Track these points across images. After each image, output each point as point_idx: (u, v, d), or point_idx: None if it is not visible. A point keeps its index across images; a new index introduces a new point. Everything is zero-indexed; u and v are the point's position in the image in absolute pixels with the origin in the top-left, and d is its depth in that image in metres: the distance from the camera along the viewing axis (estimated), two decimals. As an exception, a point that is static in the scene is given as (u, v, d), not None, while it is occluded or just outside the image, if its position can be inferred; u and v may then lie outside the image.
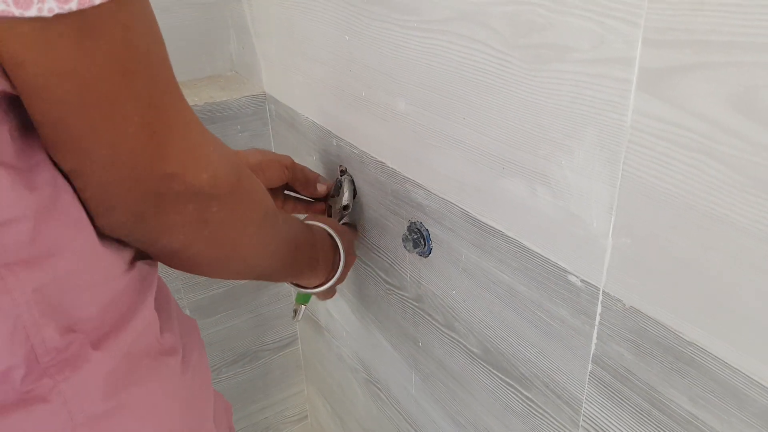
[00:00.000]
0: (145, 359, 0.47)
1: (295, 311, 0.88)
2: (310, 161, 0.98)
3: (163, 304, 0.53)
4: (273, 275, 0.66)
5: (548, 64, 0.47)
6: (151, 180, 0.41)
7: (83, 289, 0.42)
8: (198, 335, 0.62)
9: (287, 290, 1.32)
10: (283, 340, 1.37)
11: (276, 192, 0.83)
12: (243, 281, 1.24)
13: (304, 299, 0.88)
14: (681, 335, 0.44)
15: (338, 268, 0.77)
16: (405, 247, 0.74)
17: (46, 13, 0.31)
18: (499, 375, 0.67)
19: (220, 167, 0.45)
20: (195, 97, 1.06)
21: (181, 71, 1.13)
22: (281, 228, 0.60)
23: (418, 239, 0.72)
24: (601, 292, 0.50)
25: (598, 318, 0.51)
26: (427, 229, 0.71)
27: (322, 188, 0.85)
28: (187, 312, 1.18)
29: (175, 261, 0.51)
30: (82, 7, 0.32)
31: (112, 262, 0.45)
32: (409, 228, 0.74)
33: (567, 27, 0.45)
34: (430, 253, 0.72)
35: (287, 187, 0.84)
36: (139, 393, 0.46)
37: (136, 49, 0.37)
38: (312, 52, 0.86)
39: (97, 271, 0.43)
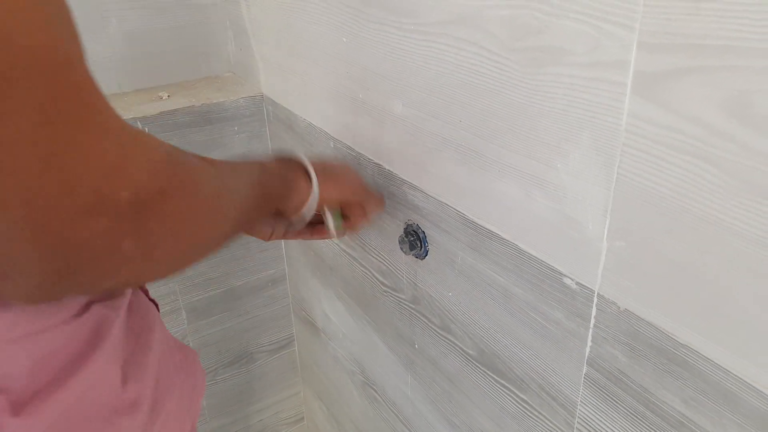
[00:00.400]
0: (89, 423, 0.42)
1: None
2: (307, 163, 0.98)
3: (138, 344, 0.48)
4: (249, 220, 0.55)
5: (544, 67, 0.47)
6: (59, 225, 0.31)
7: (12, 342, 0.36)
8: (187, 371, 0.57)
9: (284, 291, 1.32)
10: (279, 342, 1.37)
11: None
12: (239, 282, 1.24)
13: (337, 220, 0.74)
14: (675, 338, 0.44)
15: (307, 164, 0.66)
16: (401, 249, 0.74)
17: None
18: (495, 377, 0.67)
19: (141, 174, 0.34)
20: (192, 98, 1.06)
21: (178, 72, 1.14)
22: (237, 191, 0.51)
23: (415, 241, 0.72)
24: (596, 294, 0.50)
25: (592, 320, 0.51)
26: (423, 232, 0.71)
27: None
28: (183, 314, 1.18)
29: (131, 286, 0.46)
30: None
31: (51, 310, 0.39)
32: (405, 230, 0.74)
33: (563, 30, 0.45)
34: (426, 255, 0.72)
35: None
36: None
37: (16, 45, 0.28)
38: (309, 54, 0.86)
39: (31, 321, 0.37)
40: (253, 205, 0.54)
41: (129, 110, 1.01)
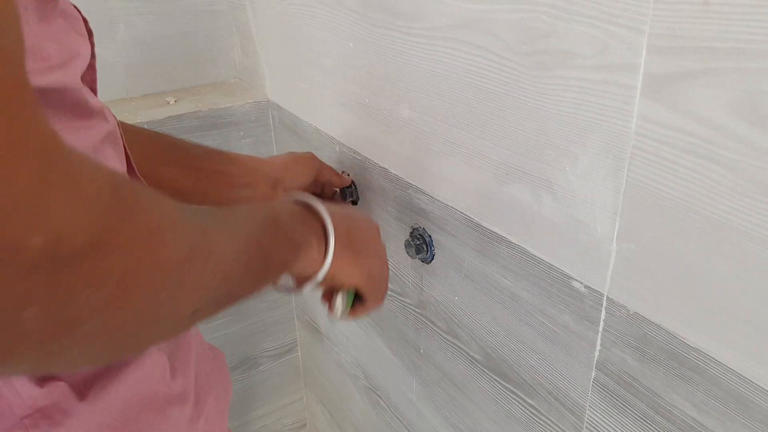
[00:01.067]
0: (146, 411, 0.41)
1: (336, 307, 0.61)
2: (312, 168, 0.98)
3: (182, 341, 0.48)
4: (244, 291, 0.44)
5: (552, 70, 0.47)
6: None
7: None
8: (222, 372, 0.57)
9: (288, 296, 1.32)
10: (282, 347, 1.37)
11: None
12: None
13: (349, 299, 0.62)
14: (685, 341, 0.44)
15: (328, 227, 0.53)
16: (407, 253, 0.74)
17: None
18: (501, 382, 0.66)
19: (65, 216, 0.24)
20: (199, 103, 1.06)
21: (185, 78, 1.15)
22: (225, 253, 0.38)
23: (421, 245, 0.72)
24: (605, 298, 0.50)
25: (602, 324, 0.51)
26: (429, 235, 0.71)
27: (345, 179, 0.82)
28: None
29: (33, 373, 0.36)
30: None
31: None
32: (411, 234, 0.74)
33: (571, 34, 0.45)
34: (432, 260, 0.72)
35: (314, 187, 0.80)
36: None
37: None
38: (316, 59, 0.86)
39: None
40: (246, 274, 0.42)
41: (136, 115, 1.01)
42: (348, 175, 0.86)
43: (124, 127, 0.67)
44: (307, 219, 0.53)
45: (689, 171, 0.40)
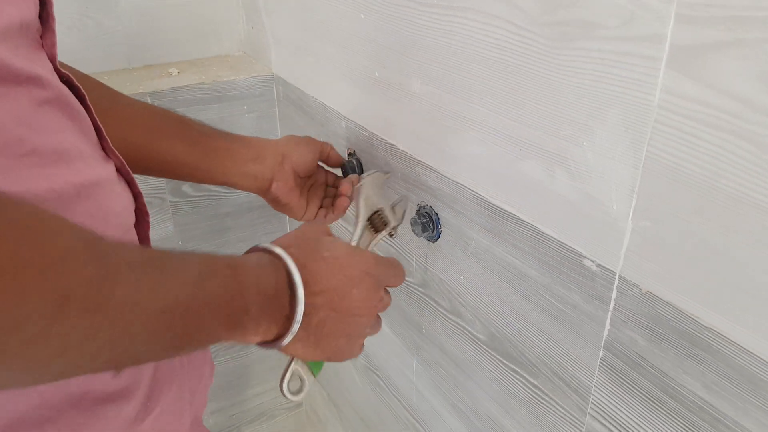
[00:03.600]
0: (71, 411, 0.38)
1: (298, 381, 0.53)
2: (317, 144, 0.97)
3: None
4: (148, 358, 0.36)
5: (573, 41, 0.46)
6: None
7: None
8: (198, 362, 0.55)
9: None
10: (280, 326, 1.36)
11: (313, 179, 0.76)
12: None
13: (315, 368, 0.55)
14: (699, 320, 0.43)
15: (295, 314, 0.44)
16: (413, 231, 0.73)
17: None
18: (505, 362, 0.66)
19: None
20: (202, 75, 1.05)
21: (189, 50, 1.13)
22: (138, 292, 0.32)
23: (428, 223, 0.71)
24: (617, 276, 0.49)
25: (612, 303, 0.50)
26: (437, 213, 0.70)
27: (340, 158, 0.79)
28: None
29: None
30: None
31: None
32: (418, 212, 0.73)
33: (595, 3, 0.44)
34: (438, 238, 0.71)
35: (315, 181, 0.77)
36: None
37: None
38: (324, 32, 0.85)
39: None
40: (159, 327, 0.34)
41: (138, 85, 1.00)
42: (353, 151, 0.85)
43: (126, 99, 0.66)
44: (274, 304, 0.43)
45: (713, 146, 0.39)
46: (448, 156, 0.65)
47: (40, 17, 0.41)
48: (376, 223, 0.66)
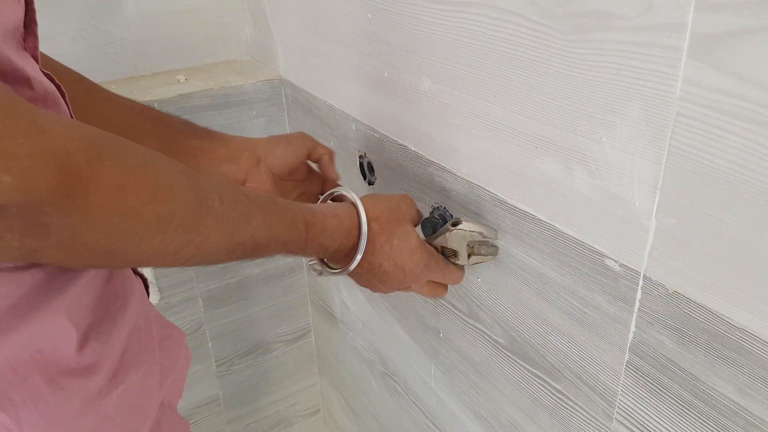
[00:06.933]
0: (30, 380, 0.40)
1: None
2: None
3: (108, 312, 0.47)
4: (213, 261, 0.46)
5: (589, 33, 0.44)
6: None
7: None
8: (172, 350, 0.55)
9: (302, 281, 1.30)
10: (296, 332, 1.35)
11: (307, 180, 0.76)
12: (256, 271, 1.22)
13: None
14: (729, 321, 0.41)
15: (357, 247, 0.56)
16: (425, 233, 0.71)
17: None
18: (526, 366, 0.64)
19: (31, 159, 0.30)
20: (210, 81, 1.04)
21: (196, 55, 1.12)
22: (219, 225, 0.42)
23: (441, 225, 0.69)
24: (641, 276, 0.47)
25: (637, 304, 0.48)
26: (451, 215, 0.69)
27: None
28: (200, 302, 1.16)
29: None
30: None
31: None
32: (431, 214, 0.71)
33: (612, -7, 0.42)
34: (453, 240, 0.70)
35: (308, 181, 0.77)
36: (8, 422, 0.38)
37: None
38: (331, 33, 0.83)
39: None
40: (225, 258, 0.45)
41: (146, 93, 0.99)
42: (364, 153, 0.84)
43: (106, 95, 0.66)
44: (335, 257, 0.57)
45: (740, 138, 0.37)
46: (462, 155, 0.64)
47: (23, 22, 0.42)
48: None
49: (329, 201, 0.61)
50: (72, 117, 0.46)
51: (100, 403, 0.45)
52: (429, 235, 0.69)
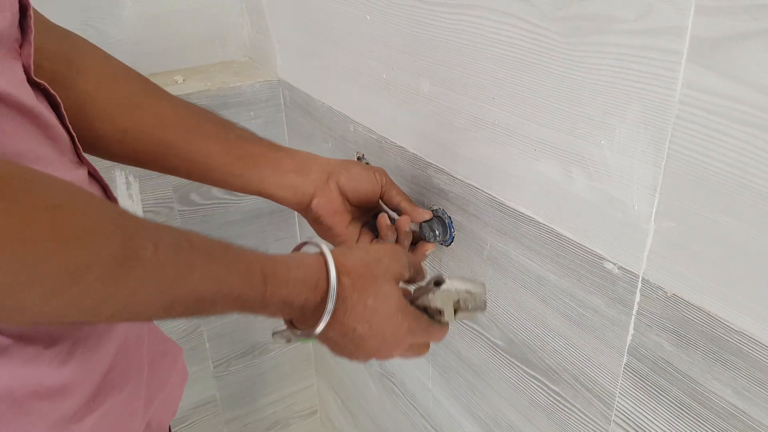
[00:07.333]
0: None
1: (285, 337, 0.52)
2: (325, 148, 0.96)
3: (94, 329, 0.44)
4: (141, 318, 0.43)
5: (589, 36, 0.44)
6: None
7: None
8: (166, 367, 0.53)
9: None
10: (293, 333, 1.35)
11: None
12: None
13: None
14: (728, 324, 0.42)
15: (323, 310, 0.46)
16: (424, 235, 0.71)
17: None
18: (524, 368, 0.64)
19: None
20: (208, 82, 1.04)
21: (194, 56, 1.12)
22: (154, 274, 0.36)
23: (440, 227, 0.69)
24: (640, 279, 0.47)
25: (635, 307, 0.48)
26: (449, 217, 0.69)
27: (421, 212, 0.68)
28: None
29: None
30: None
31: None
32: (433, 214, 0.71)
33: (611, -4, 0.42)
34: (452, 242, 0.70)
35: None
36: None
37: None
38: (330, 35, 0.83)
39: None
40: (156, 314, 0.39)
41: (143, 94, 0.99)
42: (362, 155, 0.84)
43: (163, 95, 0.64)
44: (299, 316, 0.47)
45: (739, 142, 0.37)
46: (460, 157, 0.64)
47: (21, 27, 0.41)
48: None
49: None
50: (65, 127, 0.45)
51: (70, 427, 0.41)
52: (432, 239, 0.69)
